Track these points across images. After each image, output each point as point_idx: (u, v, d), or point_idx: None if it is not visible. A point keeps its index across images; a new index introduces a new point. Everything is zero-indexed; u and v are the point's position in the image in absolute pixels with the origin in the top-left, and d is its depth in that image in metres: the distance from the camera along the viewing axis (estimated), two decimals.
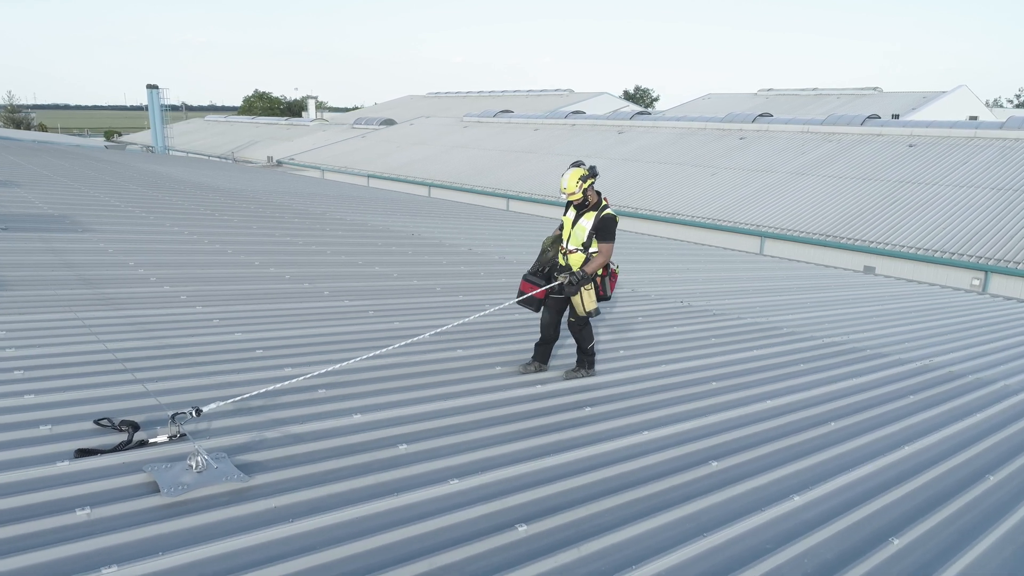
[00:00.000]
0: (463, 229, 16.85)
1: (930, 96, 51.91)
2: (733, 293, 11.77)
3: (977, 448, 5.38)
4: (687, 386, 6.21)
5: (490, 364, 6.23)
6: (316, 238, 12.84)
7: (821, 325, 9.72)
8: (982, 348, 9.19)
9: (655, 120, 44.59)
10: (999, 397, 6.95)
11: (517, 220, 20.84)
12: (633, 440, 4.82)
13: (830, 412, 5.89)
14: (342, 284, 9.07)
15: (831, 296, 12.66)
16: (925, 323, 10.68)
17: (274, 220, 14.85)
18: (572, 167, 5.61)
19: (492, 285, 10.17)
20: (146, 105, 60.12)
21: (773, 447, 4.93)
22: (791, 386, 6.51)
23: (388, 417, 4.74)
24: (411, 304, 8.32)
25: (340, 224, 15.31)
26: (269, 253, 10.78)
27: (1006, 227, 21.35)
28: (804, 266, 17.79)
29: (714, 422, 5.35)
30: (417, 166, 44.56)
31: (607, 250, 5.64)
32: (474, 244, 14.39)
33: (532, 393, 5.59)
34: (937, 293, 14.80)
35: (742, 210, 27.75)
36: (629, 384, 6.11)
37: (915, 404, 6.38)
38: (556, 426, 4.91)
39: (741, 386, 6.36)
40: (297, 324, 6.84)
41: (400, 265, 11.06)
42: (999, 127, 29.03)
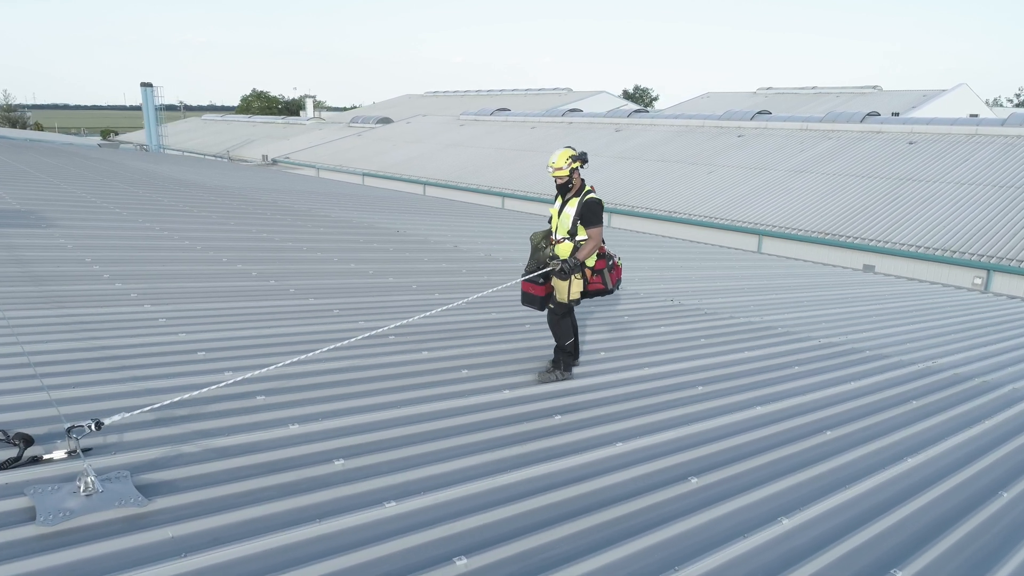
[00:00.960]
0: (451, 226, 16.36)
1: (930, 95, 51.43)
2: (727, 291, 11.27)
3: (987, 460, 4.88)
4: (670, 391, 5.71)
5: (455, 367, 5.73)
6: (295, 235, 12.35)
7: (818, 325, 9.23)
8: (987, 349, 8.69)
9: (652, 118, 44.11)
10: (1008, 402, 6.45)
11: (507, 217, 20.35)
12: (604, 453, 4.32)
13: (826, 420, 5.39)
14: (311, 281, 8.57)
15: (829, 295, 12.16)
16: (927, 323, 10.18)
17: (255, 217, 14.35)
18: (563, 147, 5.51)
19: (472, 283, 9.67)
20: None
21: (761, 460, 4.43)
22: (784, 391, 6.01)
23: (329, 428, 4.24)
24: (381, 302, 7.82)
25: (324, 221, 14.82)
26: (240, 249, 10.28)
27: (1008, 225, 20.85)
28: (802, 264, 17.30)
29: (696, 432, 4.84)
30: (412, 164, 44.09)
31: (596, 233, 5.44)
32: (460, 241, 13.90)
33: (497, 400, 5.09)
34: (938, 292, 14.30)
35: (740, 208, 27.26)
36: (606, 389, 5.61)
37: (918, 410, 5.88)
38: (518, 437, 4.41)
39: (729, 391, 5.86)
40: (250, 323, 6.34)
41: (378, 262, 10.57)
42: (1000, 124, 28.54)
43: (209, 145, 66.43)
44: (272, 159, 54.72)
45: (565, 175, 5.42)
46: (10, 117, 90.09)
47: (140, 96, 59.19)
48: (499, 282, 10.06)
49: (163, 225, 11.86)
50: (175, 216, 13.12)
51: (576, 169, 5.46)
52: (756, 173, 30.56)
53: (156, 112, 59.47)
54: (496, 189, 35.92)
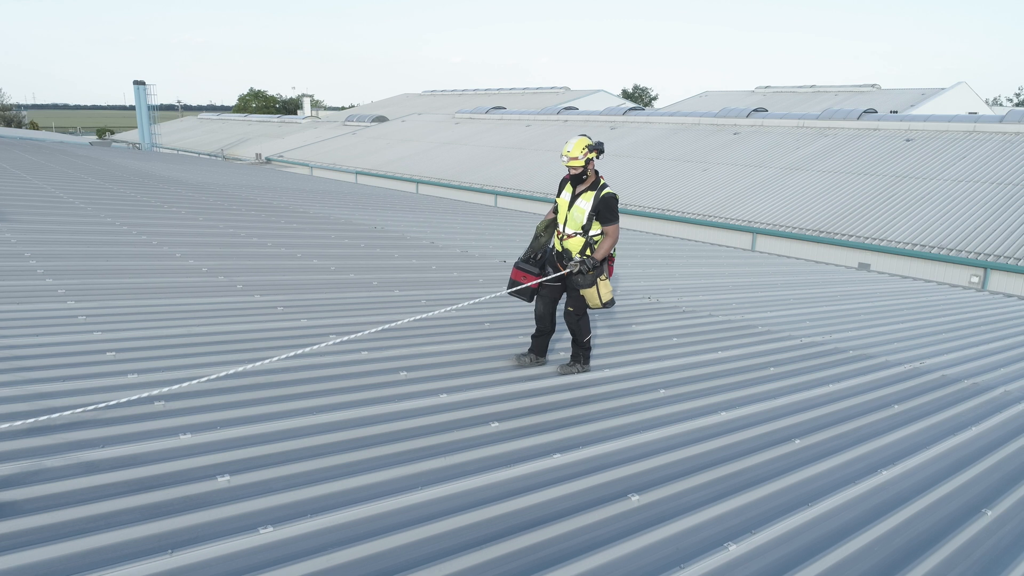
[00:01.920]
0: (433, 223, 15.91)
1: (929, 93, 50.95)
2: (710, 289, 10.80)
3: (971, 472, 4.41)
4: (627, 395, 5.24)
5: (395, 368, 5.26)
6: (264, 231, 11.89)
7: (802, 323, 8.76)
8: (979, 349, 8.22)
9: (648, 116, 43.62)
10: (998, 406, 5.97)
11: (493, 215, 19.89)
12: (536, 467, 3.85)
13: (796, 426, 4.92)
14: (264, 278, 8.10)
15: (818, 292, 11.69)
16: (918, 321, 9.71)
17: (228, 213, 13.89)
18: (578, 135, 5.28)
19: (440, 280, 9.21)
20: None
21: (714, 474, 3.96)
22: (754, 394, 5.54)
23: (224, 439, 3.77)
24: (332, 300, 7.35)
25: (300, 217, 14.38)
26: (199, 245, 9.82)
27: (1006, 222, 20.38)
28: (794, 262, 16.82)
29: (645, 442, 4.37)
30: (406, 163, 43.66)
31: (613, 231, 5.26)
32: (439, 238, 13.44)
33: (427, 405, 4.62)
34: (933, 290, 13.83)
35: (734, 206, 26.80)
36: (554, 393, 5.14)
37: (899, 416, 5.40)
38: (428, 452, 3.93)
39: (693, 394, 5.38)
40: (178, 322, 5.87)
41: (344, 258, 10.11)
42: (999, 121, 28.06)
43: (204, 144, 66.04)
44: (266, 157, 54.37)
45: (580, 165, 5.18)
46: (5, 116, 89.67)
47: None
48: (471, 279, 9.63)
49: (125, 221, 11.42)
50: (142, 212, 12.68)
51: (591, 160, 5.22)
52: (751, 171, 30.10)
53: (149, 110, 58.98)
54: (489, 187, 35.49)
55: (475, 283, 9.28)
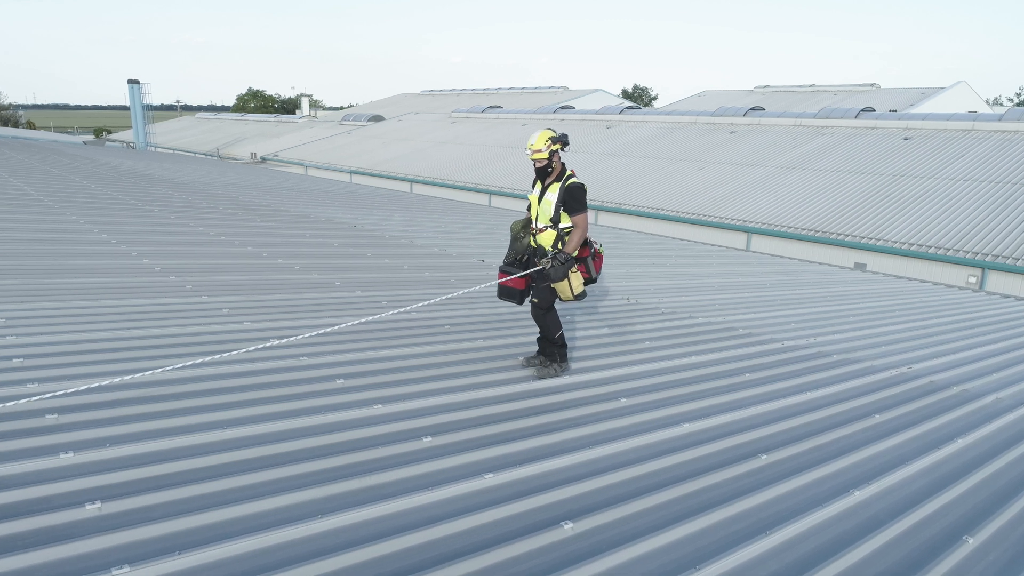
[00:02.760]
0: (416, 222, 15.52)
1: (928, 92, 50.56)
2: (694, 289, 10.40)
3: (954, 491, 4.01)
4: (584, 405, 4.84)
5: (330, 376, 4.86)
6: (236, 229, 11.50)
7: (786, 325, 8.36)
8: (972, 353, 7.81)
9: (644, 115, 43.25)
10: (988, 415, 5.57)
11: (480, 214, 19.49)
12: (464, 488, 3.45)
13: (765, 440, 4.51)
14: (219, 278, 7.71)
15: (808, 293, 11.29)
16: (910, 323, 9.31)
17: (204, 211, 13.50)
18: (542, 128, 5.22)
19: (409, 280, 8.82)
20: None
21: (662, 497, 3.56)
22: (723, 404, 5.14)
23: (109, 458, 3.37)
24: (285, 301, 6.96)
25: (280, 216, 13.99)
26: (161, 244, 9.43)
27: (1004, 221, 19.97)
28: (787, 262, 16.40)
29: (590, 459, 3.97)
30: (401, 162, 43.30)
31: (581, 221, 5.17)
32: (419, 237, 13.05)
33: (357, 417, 4.22)
34: (928, 290, 13.42)
35: (729, 205, 26.41)
36: (509, 402, 4.74)
37: (879, 427, 5.00)
38: (345, 471, 3.53)
39: (657, 404, 4.98)
40: (105, 325, 5.47)
41: (312, 258, 9.71)
42: (998, 119, 27.65)
43: (200, 143, 65.76)
44: (261, 157, 54.07)
45: (544, 157, 5.10)
46: (2, 116, 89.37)
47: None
48: (444, 280, 9.23)
49: (91, 219, 11.03)
50: (113, 210, 12.30)
51: (556, 152, 5.15)
52: (747, 170, 29.71)
53: (143, 109, 58.60)
54: (483, 186, 35.15)
55: (446, 283, 8.89)
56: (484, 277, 9.65)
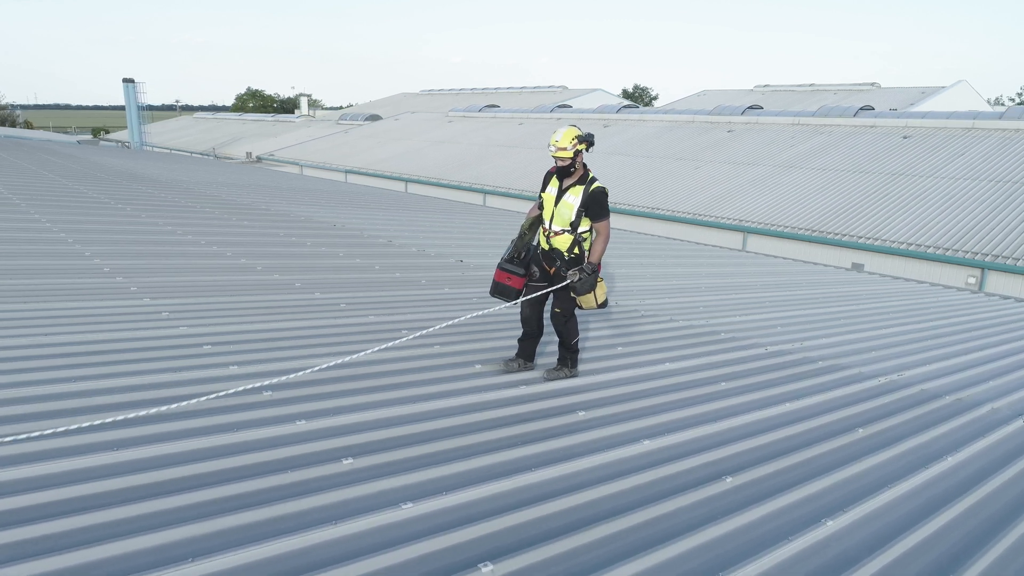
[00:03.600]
0: (400, 221, 15.11)
1: (929, 91, 50.00)
2: (680, 291, 9.98)
3: (940, 520, 3.58)
4: (537, 418, 4.42)
5: (259, 388, 4.44)
6: (206, 228, 11.09)
7: (773, 329, 7.93)
8: (968, 358, 7.38)
9: (642, 114, 42.82)
10: (982, 428, 5.15)
11: (468, 213, 19.07)
12: (371, 523, 3.02)
13: (732, 459, 4.09)
14: (171, 279, 7.29)
15: (801, 295, 10.86)
16: (904, 326, 8.88)
17: (179, 210, 13.10)
18: (568, 125, 5.01)
19: (376, 281, 8.41)
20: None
21: (610, 528, 3.13)
22: (691, 417, 4.71)
23: None
24: (234, 304, 6.54)
25: (258, 214, 13.59)
26: (120, 243, 9.02)
27: (1005, 221, 19.53)
28: (781, 262, 15.96)
29: (528, 485, 3.54)
30: (396, 161, 42.93)
31: (604, 228, 5.01)
32: (399, 236, 12.65)
33: (275, 436, 3.80)
34: (926, 291, 12.99)
35: (725, 204, 25.98)
36: (455, 415, 4.32)
37: (862, 443, 4.57)
38: (234, 504, 3.12)
39: (618, 417, 4.56)
40: (25, 331, 5.06)
41: (278, 258, 9.30)
42: (998, 118, 27.19)
43: (197, 143, 65.42)
44: (257, 156, 53.76)
45: (569, 157, 4.86)
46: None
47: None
48: (412, 280, 8.82)
49: (54, 217, 10.63)
50: (81, 208, 11.91)
51: (581, 152, 4.93)
52: (744, 169, 29.28)
53: (139, 109, 58.21)
54: (478, 186, 34.77)
55: (416, 284, 8.48)
56: (460, 279, 9.25)
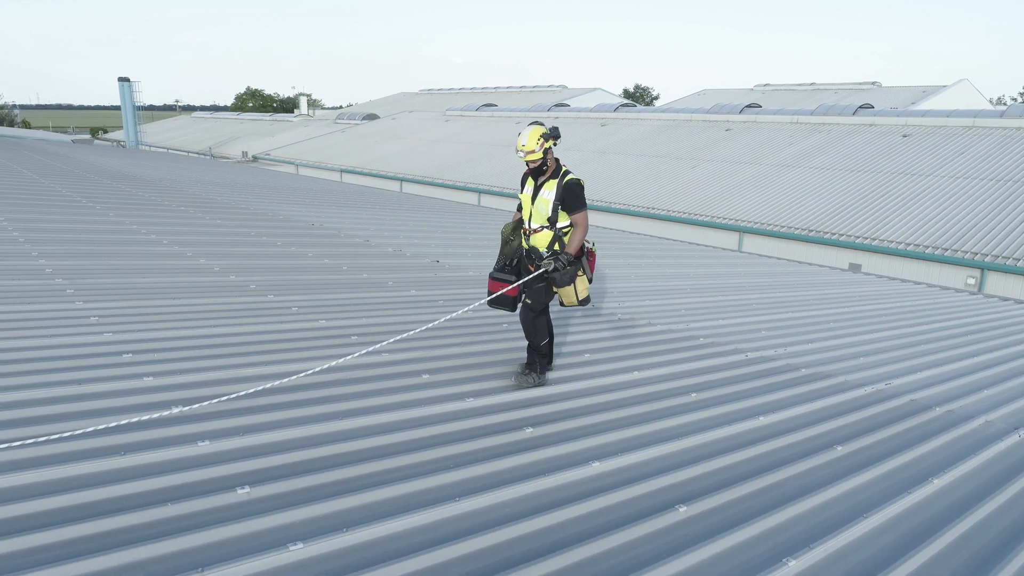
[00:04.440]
0: (381, 220, 14.70)
1: (930, 90, 49.54)
2: (662, 292, 9.54)
3: (923, 554, 3.15)
4: (480, 435, 3.98)
5: (167, 402, 4.01)
6: (173, 227, 10.68)
7: (756, 333, 7.50)
8: (963, 365, 6.94)
9: (639, 112, 42.40)
10: (975, 444, 4.71)
11: (455, 212, 18.64)
12: (270, 563, 2.59)
13: (688, 485, 3.65)
14: (113, 280, 6.87)
15: (791, 297, 10.42)
16: (897, 330, 8.44)
17: (151, 208, 12.69)
18: (530, 125, 4.92)
19: (340, 283, 7.98)
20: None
21: (546, 568, 2.69)
22: (648, 435, 4.27)
23: None
24: (175, 308, 6.11)
25: (235, 213, 13.18)
26: (73, 243, 8.60)
27: (1006, 220, 19.07)
28: (775, 262, 15.51)
29: (451, 517, 3.11)
30: (392, 161, 42.56)
31: (582, 220, 4.85)
32: (378, 236, 12.23)
33: (172, 459, 3.36)
34: (923, 293, 12.55)
35: (721, 204, 25.55)
36: (403, 431, 3.89)
37: (839, 463, 4.13)
38: (100, 543, 2.69)
39: (568, 435, 4.12)
40: None
41: (243, 258, 8.89)
42: (999, 116, 26.72)
43: (194, 142, 65.15)
44: (253, 156, 53.47)
45: (539, 158, 4.76)
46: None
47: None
48: (378, 282, 8.38)
49: (11, 215, 10.26)
50: (45, 206, 11.51)
51: (549, 148, 4.82)
52: (741, 168, 28.84)
53: (134, 108, 57.84)
54: (472, 185, 34.40)
55: (381, 287, 8.06)
56: (432, 280, 8.83)
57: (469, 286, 8.56)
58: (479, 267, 9.98)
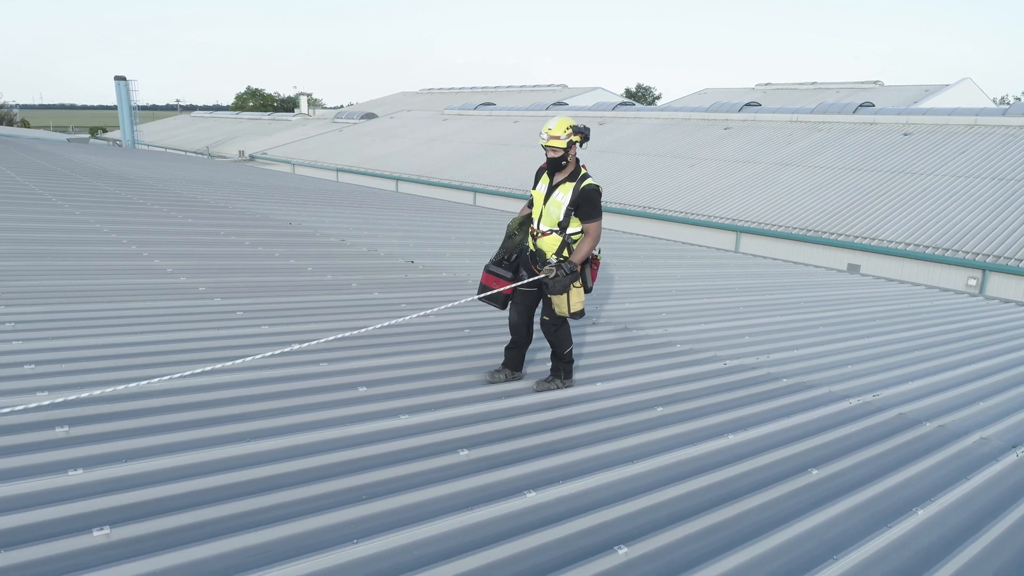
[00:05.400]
0: (363, 219, 14.28)
1: (932, 89, 48.98)
2: (645, 295, 9.10)
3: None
4: (406, 460, 3.52)
5: (50, 422, 3.57)
6: (136, 225, 10.26)
7: (739, 339, 7.05)
8: (960, 373, 6.48)
9: (638, 111, 41.93)
10: (967, 465, 4.25)
11: (441, 211, 18.20)
12: None
13: (634, 519, 3.20)
14: (49, 282, 6.44)
15: (782, 299, 9.96)
16: (889, 335, 7.98)
17: (120, 206, 12.29)
18: (562, 115, 4.74)
19: (299, 284, 7.54)
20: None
21: None
22: (601, 457, 3.81)
23: None
24: (102, 313, 5.67)
25: (210, 212, 12.78)
26: (22, 242, 8.19)
27: (1008, 220, 18.58)
28: (770, 263, 15.05)
29: (360, 559, 2.66)
30: (388, 160, 42.21)
31: (594, 229, 4.59)
32: (355, 235, 11.81)
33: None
34: (921, 295, 12.08)
35: (719, 203, 25.09)
36: (307, 456, 3.44)
37: (812, 489, 3.68)
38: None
39: (506, 459, 3.67)
40: None
41: (201, 258, 8.46)
42: (1002, 114, 26.21)
43: (192, 141, 64.88)
44: (249, 155, 53.20)
45: (562, 147, 4.47)
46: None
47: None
48: (342, 284, 7.94)
49: None
50: (7, 203, 11.08)
51: (575, 144, 4.54)
52: (739, 166, 28.38)
53: (131, 107, 57.44)
54: (468, 184, 34.01)
55: (344, 289, 7.62)
56: (401, 282, 8.39)
57: (439, 288, 8.13)
58: (454, 268, 9.55)
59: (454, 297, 7.18)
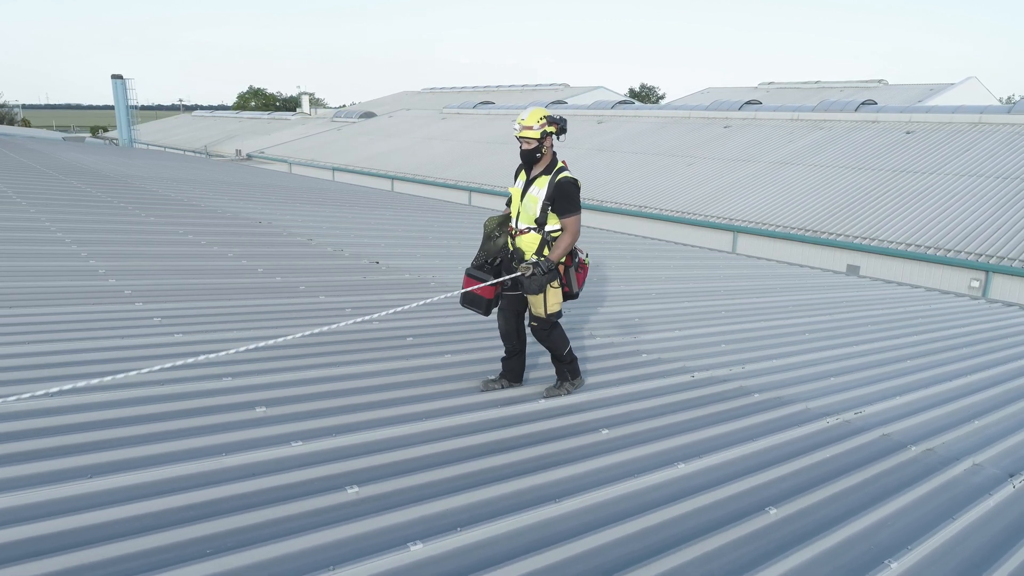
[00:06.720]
0: (338, 218, 13.75)
1: (937, 88, 48.24)
2: (621, 298, 8.52)
3: None
4: (281, 501, 2.96)
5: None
6: (86, 224, 9.75)
7: (713, 348, 6.47)
8: (954, 386, 5.89)
9: (637, 110, 41.31)
10: (956, 500, 3.67)
11: (421, 209, 17.64)
12: None
13: (549, 573, 2.63)
14: None
15: (769, 303, 9.37)
16: (880, 343, 7.38)
17: (79, 203, 11.77)
18: (535, 106, 4.60)
19: (238, 288, 6.99)
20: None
21: None
22: (513, 496, 3.22)
23: None
24: (8, 317, 5.12)
25: (177, 209, 12.28)
26: None
27: (1012, 219, 17.93)
28: (764, 264, 14.44)
29: None
30: (385, 159, 41.75)
31: (573, 224, 4.38)
32: (325, 234, 11.27)
33: None
34: (921, 298, 11.48)
35: (716, 203, 24.49)
36: (151, 499, 2.88)
37: (763, 538, 3.09)
38: None
39: (399, 498, 3.10)
40: None
41: (143, 258, 7.92)
42: (1007, 112, 25.55)
43: (191, 141, 64.60)
44: (247, 154, 52.87)
45: (535, 138, 4.28)
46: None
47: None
48: (290, 286, 7.39)
49: None
50: None
51: (549, 135, 4.36)
52: (738, 165, 27.77)
53: (128, 106, 57.14)
54: (463, 183, 33.52)
55: (290, 292, 7.06)
56: (358, 284, 7.84)
57: (397, 292, 7.56)
58: (420, 270, 9.00)
59: (409, 300, 6.62)
